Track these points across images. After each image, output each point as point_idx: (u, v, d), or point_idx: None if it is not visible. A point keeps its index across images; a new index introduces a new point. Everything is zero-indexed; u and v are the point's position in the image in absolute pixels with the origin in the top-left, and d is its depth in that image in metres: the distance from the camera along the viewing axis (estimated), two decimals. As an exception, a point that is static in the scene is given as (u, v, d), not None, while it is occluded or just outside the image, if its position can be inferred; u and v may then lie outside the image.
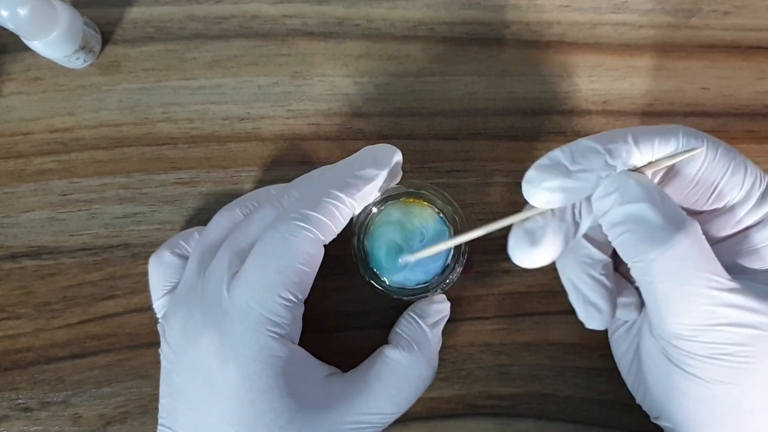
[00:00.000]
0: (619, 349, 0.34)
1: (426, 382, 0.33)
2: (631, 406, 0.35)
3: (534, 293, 0.37)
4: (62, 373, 0.37)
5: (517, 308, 0.37)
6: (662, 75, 0.39)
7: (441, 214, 0.34)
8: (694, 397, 0.27)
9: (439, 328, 0.34)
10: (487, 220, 0.37)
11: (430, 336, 0.33)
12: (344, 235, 0.34)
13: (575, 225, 0.28)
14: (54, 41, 0.34)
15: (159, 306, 0.34)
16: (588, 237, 0.30)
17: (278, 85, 0.38)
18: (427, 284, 0.34)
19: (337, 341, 0.36)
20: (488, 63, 0.39)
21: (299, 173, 0.34)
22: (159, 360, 0.32)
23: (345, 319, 0.37)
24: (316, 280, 0.36)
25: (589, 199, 0.28)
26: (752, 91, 0.39)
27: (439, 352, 0.35)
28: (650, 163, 0.28)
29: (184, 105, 0.38)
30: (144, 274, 0.36)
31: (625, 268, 0.33)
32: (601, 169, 0.27)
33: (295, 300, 0.29)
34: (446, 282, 0.34)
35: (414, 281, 0.34)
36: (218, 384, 0.29)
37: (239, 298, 0.29)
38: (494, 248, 0.37)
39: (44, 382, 0.36)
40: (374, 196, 0.32)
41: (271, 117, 0.38)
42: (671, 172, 0.28)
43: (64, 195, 0.38)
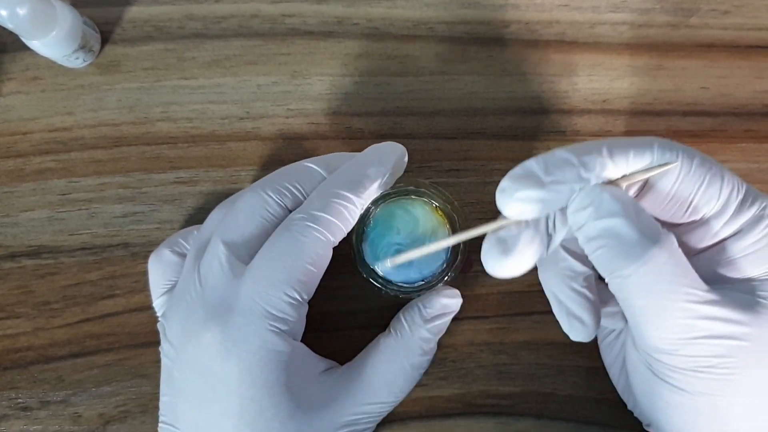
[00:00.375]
0: (609, 357, 0.34)
1: (420, 370, 0.33)
2: (631, 405, 0.35)
3: (533, 292, 0.37)
4: (62, 373, 0.37)
5: (517, 307, 0.37)
6: (661, 74, 0.39)
7: (440, 211, 0.34)
8: (679, 409, 0.27)
9: (441, 321, 0.34)
10: (486, 219, 0.37)
11: (428, 325, 0.33)
12: (348, 244, 0.34)
13: (549, 236, 0.28)
14: (53, 41, 0.34)
15: (159, 304, 0.34)
16: (568, 249, 0.30)
17: (277, 85, 0.38)
18: (424, 282, 0.34)
19: (338, 340, 0.36)
20: (487, 62, 0.39)
21: (299, 172, 0.34)
22: (159, 359, 0.32)
23: (346, 318, 0.37)
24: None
25: (563, 210, 0.28)
26: (751, 90, 0.39)
27: (439, 351, 0.35)
28: (625, 176, 0.27)
29: (184, 104, 0.38)
30: (143, 274, 0.36)
31: None
32: (574, 181, 0.27)
33: (300, 299, 0.30)
34: (443, 281, 0.34)
35: (411, 279, 0.34)
36: (219, 380, 0.29)
37: (244, 294, 0.29)
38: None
39: (44, 381, 0.36)
40: (378, 192, 0.32)
41: (270, 116, 0.38)
42: (647, 186, 0.28)
43: (64, 194, 0.38)
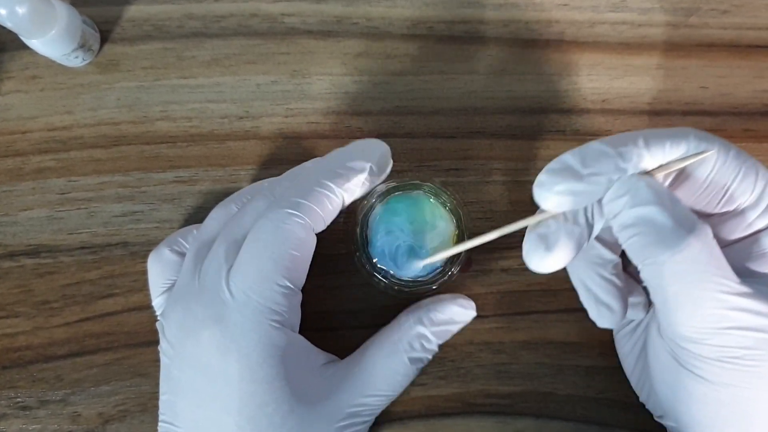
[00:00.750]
0: (625, 347, 0.34)
1: (419, 365, 0.33)
2: (630, 405, 0.35)
3: (533, 292, 0.37)
4: (61, 372, 0.37)
5: (516, 307, 0.37)
6: (661, 74, 0.39)
7: (445, 205, 0.34)
8: (701, 399, 0.27)
9: (445, 327, 0.34)
10: (486, 218, 0.38)
11: (433, 329, 0.33)
12: (342, 233, 0.34)
13: (589, 228, 0.28)
14: (52, 39, 0.34)
15: (158, 303, 0.34)
16: (598, 237, 0.30)
17: (277, 84, 0.38)
18: (426, 278, 0.34)
19: (336, 339, 0.36)
20: (487, 61, 0.39)
21: (298, 172, 0.34)
22: (158, 358, 0.32)
23: (345, 317, 0.37)
24: (316, 278, 0.36)
25: (600, 201, 0.28)
26: (751, 89, 0.39)
27: (438, 350, 0.35)
28: (661, 166, 0.27)
29: (183, 103, 0.38)
30: (143, 273, 0.36)
31: (633, 268, 0.33)
32: (612, 172, 0.27)
33: (292, 287, 0.30)
34: (446, 277, 0.34)
35: (413, 274, 0.34)
36: (218, 376, 0.29)
37: (236, 289, 0.29)
38: (493, 247, 0.37)
39: (43, 380, 0.36)
40: (363, 190, 0.32)
41: (269, 115, 0.38)
42: (682, 175, 0.28)
43: (63, 193, 0.38)
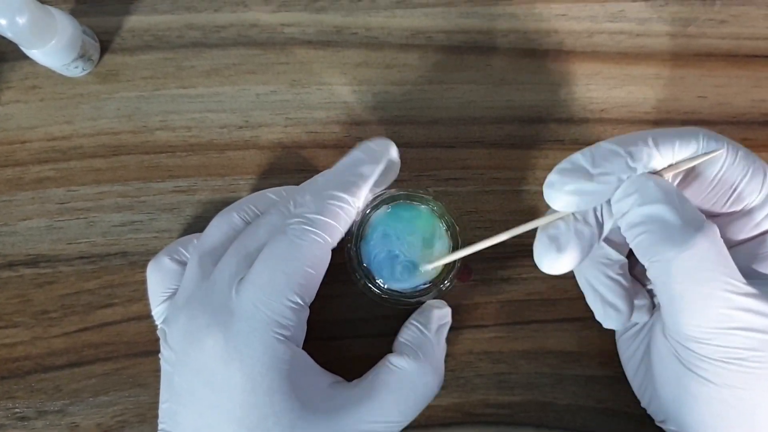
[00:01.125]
0: (627, 351, 0.34)
1: (433, 390, 0.33)
2: (630, 414, 0.35)
3: (532, 301, 0.37)
4: (59, 382, 0.36)
5: (516, 316, 0.37)
6: (659, 83, 0.39)
7: (436, 215, 0.34)
8: (705, 401, 0.27)
9: (443, 335, 0.34)
10: (486, 228, 0.38)
11: (435, 343, 0.33)
12: (343, 243, 0.34)
13: (599, 228, 0.28)
14: (52, 50, 0.34)
15: (158, 312, 0.34)
16: (605, 238, 0.30)
17: (276, 94, 0.39)
18: (423, 289, 0.34)
19: (338, 349, 0.36)
20: (486, 71, 0.39)
21: (297, 181, 0.34)
22: (157, 368, 0.32)
23: (347, 327, 0.37)
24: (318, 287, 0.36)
25: (609, 202, 0.28)
26: (749, 99, 0.39)
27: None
28: (670, 165, 0.28)
29: (182, 113, 0.38)
30: (142, 282, 0.36)
31: (638, 271, 0.33)
32: (622, 171, 0.27)
33: (302, 303, 0.30)
34: (443, 287, 0.34)
35: (410, 286, 0.34)
36: (221, 385, 0.29)
37: (246, 300, 0.29)
38: (492, 256, 0.37)
39: (41, 391, 0.36)
40: (368, 200, 0.32)
41: (269, 125, 0.38)
42: (691, 175, 0.28)
43: (62, 203, 0.38)
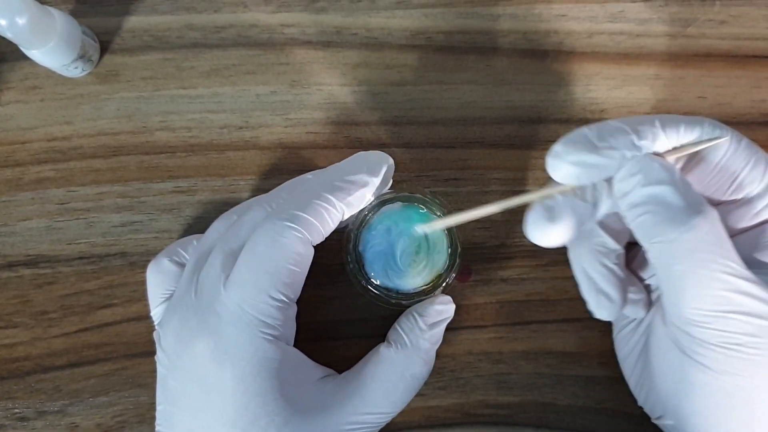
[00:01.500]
0: (625, 347, 0.34)
1: (421, 380, 0.33)
2: (630, 415, 0.35)
3: (532, 302, 0.37)
4: (59, 383, 0.36)
5: (516, 317, 0.37)
6: (659, 84, 0.39)
7: (435, 216, 0.34)
8: (703, 388, 0.27)
9: (439, 329, 0.34)
10: (485, 228, 0.37)
11: (427, 335, 0.33)
12: (338, 243, 0.34)
13: (593, 208, 0.29)
14: (52, 50, 0.34)
15: (157, 314, 0.34)
16: (603, 225, 0.30)
17: (276, 94, 0.39)
18: (421, 289, 0.34)
19: (335, 349, 0.36)
20: (486, 72, 0.39)
21: (297, 182, 0.34)
22: (156, 369, 0.32)
23: (344, 327, 0.37)
24: (315, 288, 0.36)
25: (610, 182, 0.28)
26: (748, 99, 0.39)
27: (437, 360, 0.35)
28: (675, 148, 0.28)
29: (182, 114, 0.38)
30: (142, 283, 0.36)
31: (636, 264, 0.33)
32: (627, 148, 0.27)
33: (287, 300, 0.30)
34: (441, 286, 0.34)
35: (407, 287, 0.34)
36: (213, 387, 0.29)
37: (231, 301, 0.29)
38: (492, 257, 0.37)
39: (41, 391, 0.36)
40: (365, 203, 0.32)
41: (269, 126, 0.38)
42: (694, 160, 0.29)
43: (62, 203, 0.38)
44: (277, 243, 0.29)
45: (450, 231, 0.34)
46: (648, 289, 0.33)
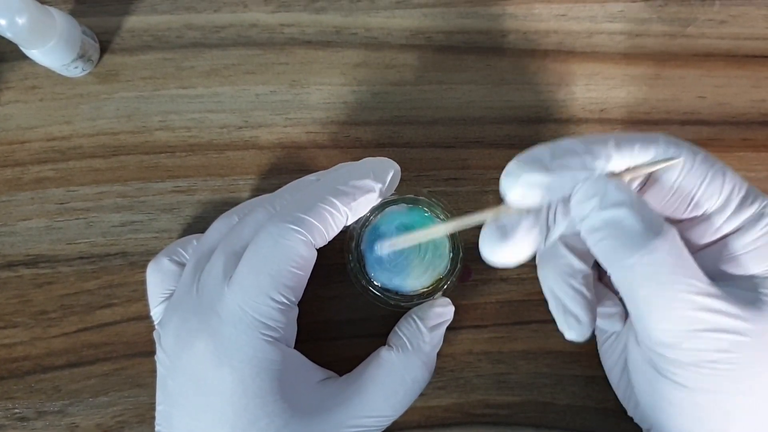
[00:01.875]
0: (609, 361, 0.34)
1: (421, 384, 0.33)
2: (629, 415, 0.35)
3: (532, 301, 0.37)
4: (59, 383, 0.36)
5: (515, 316, 0.37)
6: (659, 83, 0.39)
7: (439, 219, 0.34)
8: (681, 407, 0.27)
9: (439, 331, 0.34)
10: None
11: (428, 338, 0.33)
12: (343, 244, 0.34)
13: (548, 228, 0.28)
14: (52, 50, 0.34)
15: (156, 313, 0.34)
16: (569, 246, 0.30)
17: (276, 94, 0.39)
18: (422, 291, 0.34)
19: (335, 349, 0.36)
20: (485, 72, 0.39)
21: (297, 182, 0.34)
22: (156, 369, 0.32)
23: (344, 328, 0.37)
24: (315, 288, 0.36)
25: (565, 203, 0.28)
26: (748, 99, 0.39)
27: (437, 360, 0.35)
28: (629, 169, 0.28)
29: (182, 113, 0.38)
30: (141, 283, 0.36)
31: (609, 278, 0.33)
32: (580, 168, 0.27)
33: (288, 303, 0.30)
34: (441, 289, 0.34)
35: (408, 288, 0.34)
36: (212, 388, 0.29)
37: (232, 302, 0.29)
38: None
39: (41, 391, 0.36)
40: (368, 209, 0.32)
41: (268, 125, 0.38)
42: (650, 180, 0.28)
43: (62, 203, 0.38)
44: (280, 245, 0.29)
45: (453, 235, 0.34)
46: (623, 301, 0.32)
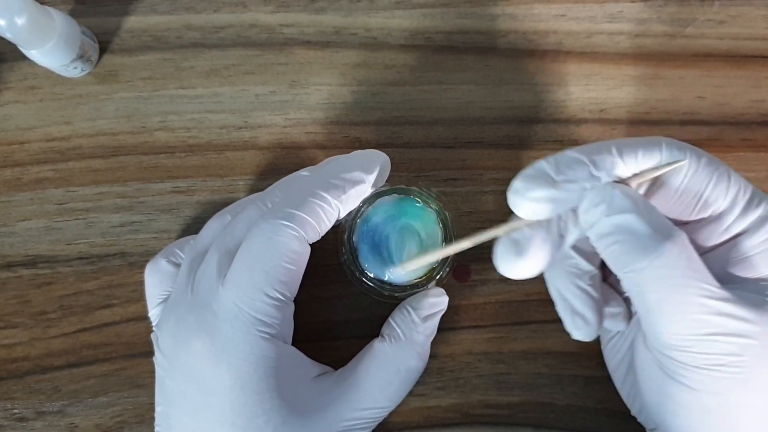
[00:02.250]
0: (613, 361, 0.34)
1: (416, 374, 0.33)
2: (629, 415, 0.35)
3: (531, 302, 0.37)
4: (58, 383, 0.36)
5: (515, 317, 0.37)
6: (658, 84, 0.39)
7: (431, 209, 0.34)
8: (689, 408, 0.27)
9: (433, 321, 0.34)
10: (483, 228, 0.37)
11: (421, 328, 0.33)
12: (335, 243, 0.34)
13: (561, 238, 0.28)
14: (51, 50, 0.34)
15: (155, 314, 0.34)
16: (576, 248, 0.30)
17: (275, 94, 0.39)
18: (414, 282, 0.34)
19: (335, 349, 0.36)
20: (485, 72, 0.39)
21: (296, 182, 0.34)
22: (155, 370, 0.32)
23: (342, 328, 0.37)
24: (314, 289, 0.36)
25: (575, 211, 0.28)
26: (747, 99, 0.39)
27: (437, 360, 0.35)
28: (635, 175, 0.28)
29: (181, 114, 0.38)
30: (141, 283, 0.36)
31: (614, 279, 0.33)
32: (585, 179, 0.27)
33: (284, 299, 0.30)
34: (434, 279, 0.34)
35: (402, 280, 0.34)
36: (210, 387, 0.29)
37: (227, 300, 0.29)
38: (491, 257, 0.37)
39: (40, 391, 0.36)
40: (359, 201, 0.32)
41: (268, 126, 0.38)
42: (656, 184, 0.28)
43: (61, 204, 0.38)
44: (273, 241, 0.29)
45: (445, 225, 0.34)
46: (627, 301, 0.32)
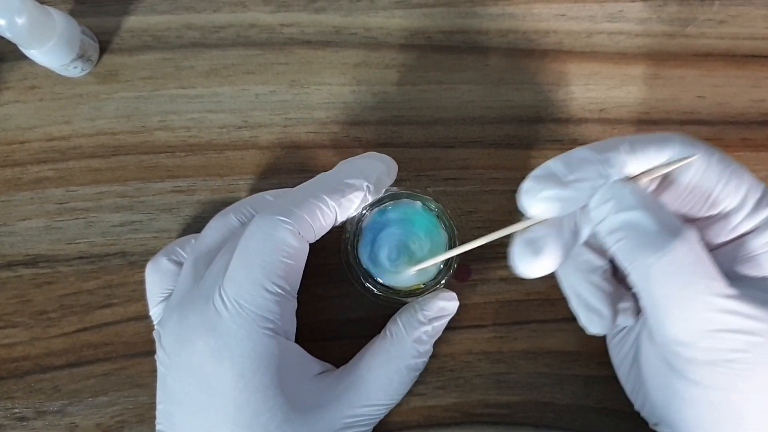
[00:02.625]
0: (618, 355, 0.34)
1: (416, 372, 0.33)
2: (629, 414, 0.35)
3: (531, 301, 0.37)
4: (58, 382, 0.36)
5: (515, 316, 0.37)
6: (658, 83, 0.39)
7: (433, 212, 0.34)
8: (694, 403, 0.27)
9: (439, 324, 0.34)
10: (485, 228, 0.37)
11: (426, 328, 0.33)
12: (337, 243, 0.34)
13: (575, 234, 0.28)
14: (51, 50, 0.34)
15: (156, 313, 0.34)
16: (587, 243, 0.30)
17: (275, 94, 0.39)
18: (415, 287, 0.34)
19: (335, 349, 0.36)
20: (485, 71, 0.39)
21: (296, 182, 0.34)
22: (156, 368, 0.32)
23: (345, 327, 0.37)
24: (316, 288, 0.36)
25: (586, 208, 0.28)
26: (747, 99, 0.39)
27: (437, 360, 0.35)
28: (645, 171, 0.28)
29: (182, 113, 0.38)
30: (141, 283, 0.36)
31: (621, 274, 0.33)
32: (596, 178, 0.27)
33: (283, 293, 0.30)
34: (437, 284, 0.34)
35: (404, 284, 0.34)
36: (213, 384, 0.29)
37: (228, 298, 0.29)
38: (491, 256, 0.37)
39: (40, 391, 0.36)
40: (363, 205, 0.32)
41: (268, 125, 0.38)
42: (666, 180, 0.28)
43: (61, 203, 0.38)
44: (269, 237, 0.29)
45: (448, 230, 0.34)
46: (635, 296, 0.33)
